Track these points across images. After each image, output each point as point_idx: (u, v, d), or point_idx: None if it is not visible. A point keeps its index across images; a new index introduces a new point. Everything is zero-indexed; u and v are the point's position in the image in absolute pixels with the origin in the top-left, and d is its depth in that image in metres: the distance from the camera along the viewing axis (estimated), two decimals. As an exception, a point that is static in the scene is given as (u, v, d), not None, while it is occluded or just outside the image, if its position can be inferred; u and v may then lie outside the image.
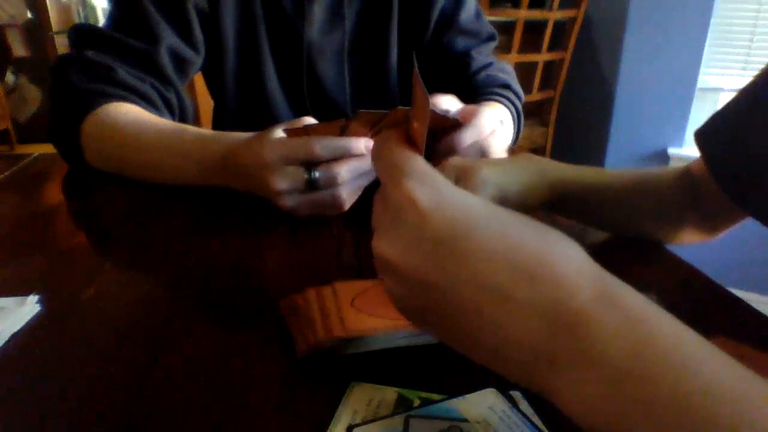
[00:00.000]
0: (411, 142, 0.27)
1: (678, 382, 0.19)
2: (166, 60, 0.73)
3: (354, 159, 0.52)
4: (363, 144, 0.51)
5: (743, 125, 0.48)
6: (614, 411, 0.20)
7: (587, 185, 0.53)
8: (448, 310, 0.24)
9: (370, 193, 0.56)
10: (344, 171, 0.51)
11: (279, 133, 0.54)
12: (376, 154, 0.28)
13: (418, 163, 0.26)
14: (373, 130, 0.52)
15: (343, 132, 0.51)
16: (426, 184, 0.25)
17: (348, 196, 0.53)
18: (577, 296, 0.22)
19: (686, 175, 0.54)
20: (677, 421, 0.19)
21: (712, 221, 0.53)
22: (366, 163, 0.53)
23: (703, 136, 0.51)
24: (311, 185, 0.51)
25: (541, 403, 0.29)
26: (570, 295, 0.22)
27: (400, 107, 0.47)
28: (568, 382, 0.21)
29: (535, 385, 0.23)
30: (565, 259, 0.23)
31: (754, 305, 0.42)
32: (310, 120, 0.57)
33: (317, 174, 0.51)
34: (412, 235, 0.24)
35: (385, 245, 0.25)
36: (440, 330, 0.25)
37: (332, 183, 0.51)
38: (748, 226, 0.52)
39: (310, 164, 0.51)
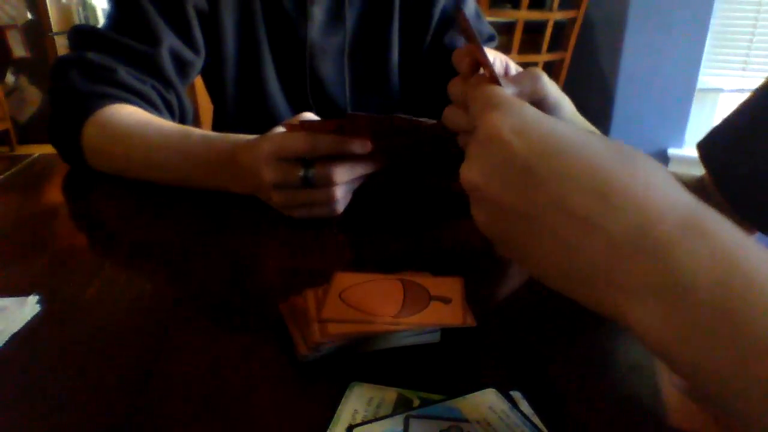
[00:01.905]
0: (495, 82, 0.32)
1: (766, 314, 0.19)
2: (167, 61, 0.73)
3: (350, 161, 0.52)
4: (361, 145, 0.51)
5: (745, 139, 0.47)
6: (696, 342, 0.20)
7: None
8: (527, 233, 0.25)
9: (363, 197, 0.56)
10: (340, 170, 0.51)
11: (279, 129, 0.54)
12: (470, 97, 0.31)
13: (503, 94, 0.28)
14: (373, 138, 0.51)
15: (341, 131, 0.51)
16: (511, 113, 0.26)
17: (342, 196, 0.53)
18: (661, 223, 0.21)
19: (700, 182, 0.53)
20: (763, 354, 0.18)
21: None
22: (362, 167, 0.53)
23: (704, 149, 0.50)
24: (305, 183, 0.51)
25: (541, 403, 0.29)
26: (654, 222, 0.21)
27: (400, 115, 0.47)
28: (645, 310, 0.21)
29: (606, 310, 0.23)
30: (651, 183, 0.22)
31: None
32: (310, 115, 0.56)
33: (312, 171, 0.51)
34: (496, 161, 0.25)
35: (472, 172, 0.27)
36: (519, 254, 0.26)
37: (327, 181, 0.51)
38: (748, 226, 0.51)
39: (306, 162, 0.51)
